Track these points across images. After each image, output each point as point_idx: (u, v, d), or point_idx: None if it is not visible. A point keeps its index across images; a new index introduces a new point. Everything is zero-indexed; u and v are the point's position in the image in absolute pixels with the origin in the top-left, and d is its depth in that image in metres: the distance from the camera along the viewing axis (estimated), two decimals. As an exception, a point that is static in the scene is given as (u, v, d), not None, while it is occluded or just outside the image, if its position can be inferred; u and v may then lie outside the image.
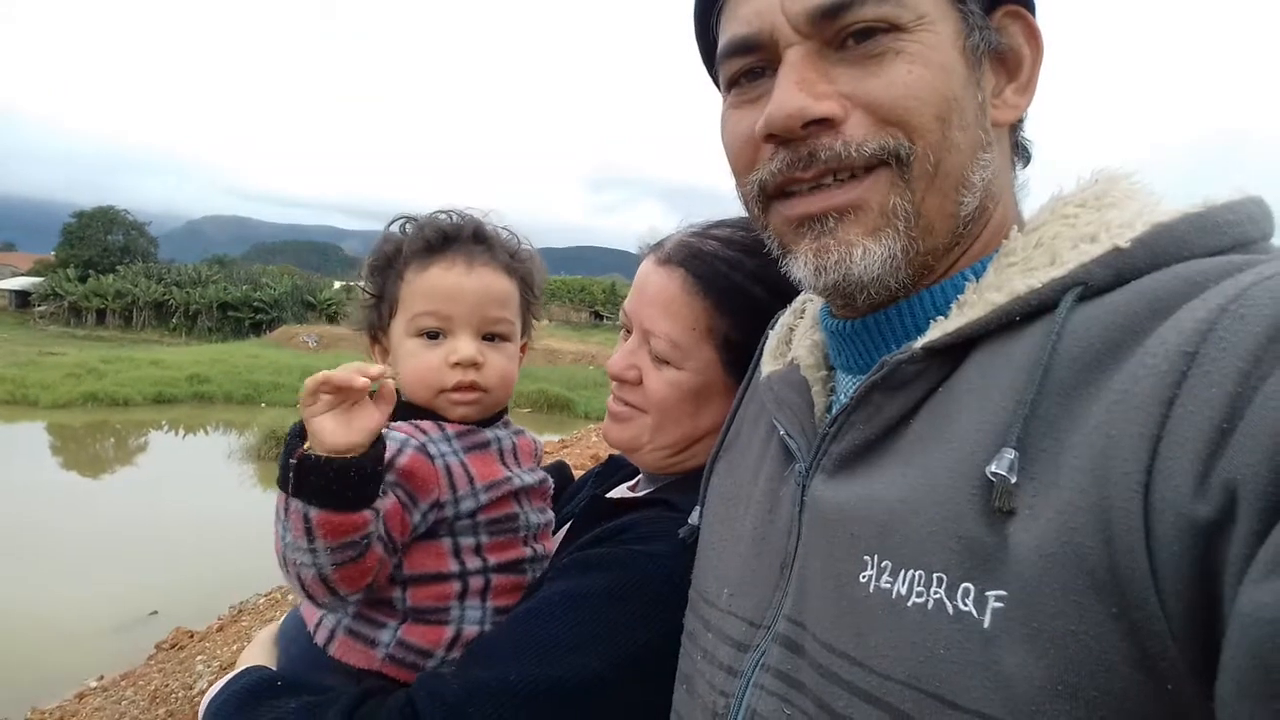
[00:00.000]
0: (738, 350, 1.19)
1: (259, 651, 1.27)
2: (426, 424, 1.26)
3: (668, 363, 1.21)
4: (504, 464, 1.31)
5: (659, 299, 1.21)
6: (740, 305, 1.20)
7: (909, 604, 0.66)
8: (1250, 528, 0.49)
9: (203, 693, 5.93)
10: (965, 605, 0.62)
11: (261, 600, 7.99)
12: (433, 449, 1.22)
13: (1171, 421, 0.55)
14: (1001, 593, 0.60)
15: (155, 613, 8.74)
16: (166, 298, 67.26)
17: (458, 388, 1.27)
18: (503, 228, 1.39)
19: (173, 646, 7.52)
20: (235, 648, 6.51)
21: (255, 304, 66.56)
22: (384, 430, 1.16)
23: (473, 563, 1.23)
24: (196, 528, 12.08)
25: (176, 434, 24.48)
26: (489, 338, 1.31)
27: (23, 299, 72.15)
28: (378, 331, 1.37)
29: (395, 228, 1.36)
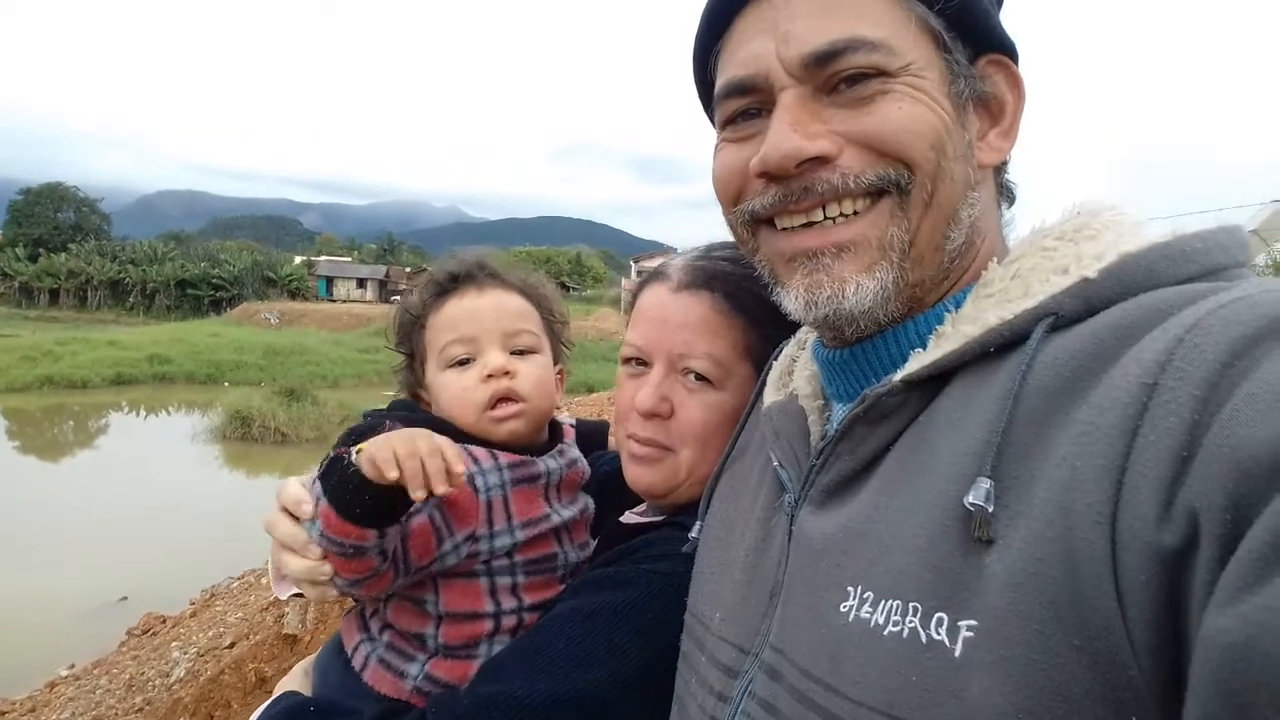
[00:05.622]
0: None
1: (294, 680, 1.34)
2: (480, 452, 1.27)
3: (710, 384, 1.21)
4: (547, 500, 1.34)
5: (691, 323, 1.22)
6: (768, 318, 1.20)
7: (885, 633, 0.68)
8: (1212, 554, 0.50)
9: (180, 680, 5.86)
10: (938, 634, 0.64)
11: (234, 584, 7.86)
12: (480, 481, 1.25)
13: (1135, 452, 0.56)
14: (973, 622, 0.62)
15: (125, 598, 8.60)
16: (122, 276, 65.81)
17: (495, 402, 1.30)
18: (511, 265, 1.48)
19: (145, 632, 7.40)
20: (210, 633, 6.42)
21: (214, 281, 65.35)
22: None
23: (508, 603, 1.26)
24: (162, 511, 11.91)
25: (138, 415, 24.09)
26: (516, 353, 1.36)
27: (-31, 281, 69.92)
28: (418, 390, 1.43)
29: (409, 295, 1.47)
